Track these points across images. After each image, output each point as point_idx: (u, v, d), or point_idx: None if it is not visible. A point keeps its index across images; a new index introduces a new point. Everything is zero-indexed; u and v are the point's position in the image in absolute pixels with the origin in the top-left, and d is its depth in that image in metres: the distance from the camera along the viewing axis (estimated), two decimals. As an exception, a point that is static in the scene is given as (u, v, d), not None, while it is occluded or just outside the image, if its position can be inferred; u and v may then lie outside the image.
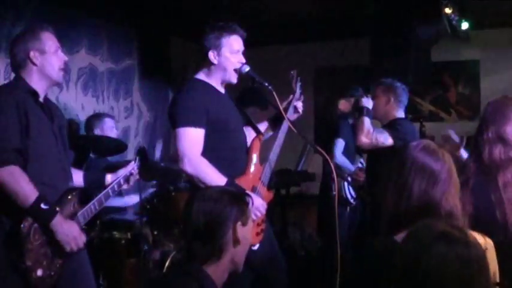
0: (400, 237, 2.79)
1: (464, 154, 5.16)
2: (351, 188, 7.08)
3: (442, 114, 9.28)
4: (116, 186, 4.44)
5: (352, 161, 7.41)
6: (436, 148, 3.01)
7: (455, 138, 5.27)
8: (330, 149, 7.07)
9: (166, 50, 9.16)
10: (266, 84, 4.65)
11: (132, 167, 4.57)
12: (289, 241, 8.67)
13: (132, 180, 4.57)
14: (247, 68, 4.65)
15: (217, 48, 4.54)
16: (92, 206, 4.26)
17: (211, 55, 4.54)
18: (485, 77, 8.98)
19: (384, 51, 8.31)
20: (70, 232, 3.93)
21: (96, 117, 6.77)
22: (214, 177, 4.32)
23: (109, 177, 4.52)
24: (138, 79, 8.60)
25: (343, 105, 6.95)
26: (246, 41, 4.67)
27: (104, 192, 4.35)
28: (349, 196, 7.07)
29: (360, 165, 7.52)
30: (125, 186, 4.56)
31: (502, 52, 8.90)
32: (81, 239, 4.03)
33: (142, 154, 4.68)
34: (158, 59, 8.96)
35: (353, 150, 7.45)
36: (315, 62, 9.69)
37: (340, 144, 7.12)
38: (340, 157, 7.02)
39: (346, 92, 7.24)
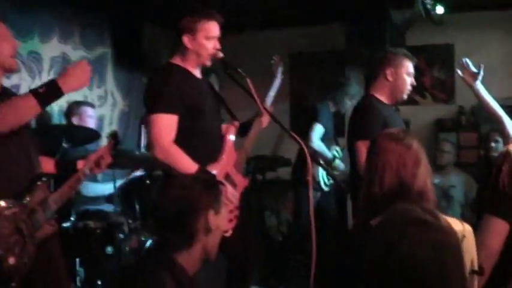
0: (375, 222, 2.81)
1: (479, 85, 5.18)
2: (324, 174, 7.05)
3: (417, 98, 9.27)
4: (87, 171, 4.35)
5: (329, 148, 7.40)
6: (401, 133, 3.13)
7: (472, 68, 5.23)
8: (306, 135, 7.07)
9: (139, 37, 9.09)
10: (240, 71, 4.62)
11: (103, 150, 4.48)
12: (266, 226, 8.68)
13: (103, 164, 4.45)
14: (220, 54, 4.61)
15: (193, 32, 4.49)
16: (63, 192, 4.19)
17: (186, 39, 4.49)
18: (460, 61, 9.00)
19: (359, 36, 8.30)
20: None
21: (75, 105, 6.75)
22: (186, 164, 4.27)
23: (81, 164, 4.44)
24: (112, 67, 8.52)
25: None
26: (221, 27, 4.64)
27: (74, 176, 4.25)
28: (321, 181, 7.04)
29: (335, 153, 7.50)
30: (96, 171, 4.46)
31: (477, 35, 8.91)
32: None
33: (114, 137, 4.62)
34: (132, 46, 8.88)
35: (331, 137, 7.43)
36: (289, 47, 9.64)
37: (318, 128, 7.10)
38: (317, 141, 6.99)
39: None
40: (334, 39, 9.10)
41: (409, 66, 5.17)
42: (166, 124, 4.35)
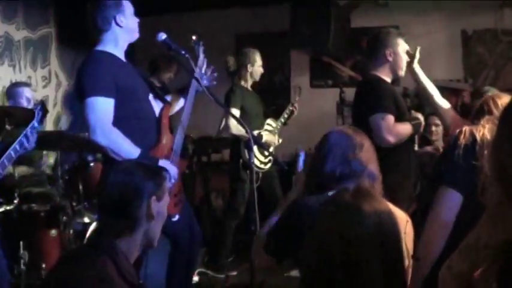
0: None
1: (417, 69, 5.23)
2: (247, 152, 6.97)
3: (362, 80, 9.35)
4: (17, 146, 4.27)
5: (259, 124, 7.30)
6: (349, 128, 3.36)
7: (409, 49, 5.29)
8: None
9: (83, 16, 8.99)
10: (183, 52, 4.61)
11: (32, 122, 4.42)
12: (212, 208, 8.70)
13: (31, 137, 4.39)
14: (163, 36, 4.61)
15: (122, 12, 4.51)
16: None
17: (119, 19, 4.48)
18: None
19: (304, 17, 8.32)
20: None
21: (10, 87, 6.68)
22: (128, 148, 4.24)
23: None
24: (56, 47, 8.46)
25: None
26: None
27: (5, 155, 4.19)
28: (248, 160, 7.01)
29: (268, 127, 7.44)
30: (26, 145, 4.37)
31: (421, 17, 8.99)
32: None
33: (42, 107, 4.58)
34: (76, 26, 8.77)
35: (256, 113, 7.31)
36: (235, 28, 9.64)
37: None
38: (235, 128, 6.90)
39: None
40: (279, 20, 9.11)
41: (403, 43, 5.29)
42: (105, 107, 4.29)
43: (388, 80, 5.27)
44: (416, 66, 5.25)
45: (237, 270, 7.22)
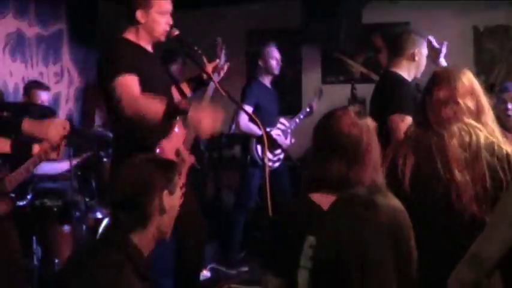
0: (315, 196, 2.80)
1: (443, 62, 5.24)
2: (259, 149, 7.00)
3: (374, 76, 9.27)
4: (43, 155, 4.39)
5: (273, 122, 7.32)
6: (351, 117, 2.98)
7: (436, 44, 5.29)
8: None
9: (95, 12, 9.01)
10: (195, 48, 4.62)
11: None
12: (223, 204, 8.71)
13: (59, 149, 4.45)
14: (176, 32, 4.62)
15: (146, 7, 4.48)
16: (19, 174, 4.21)
17: (139, 14, 4.47)
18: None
19: (315, 13, 8.30)
20: None
21: (30, 85, 6.73)
22: (154, 106, 4.20)
23: (36, 148, 4.44)
24: (68, 43, 8.46)
25: None
26: (175, 4, 4.63)
27: (30, 160, 4.30)
28: (257, 157, 7.04)
29: (281, 126, 7.46)
30: (52, 156, 4.45)
31: (433, 13, 8.95)
32: None
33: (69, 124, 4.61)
34: (88, 22, 8.81)
35: (271, 112, 7.32)
36: (246, 24, 9.62)
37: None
38: (244, 125, 6.90)
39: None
40: (291, 16, 9.09)
41: (426, 45, 5.27)
42: (129, 81, 4.27)
43: (409, 79, 5.20)
44: (442, 60, 5.24)
45: (248, 266, 7.23)
